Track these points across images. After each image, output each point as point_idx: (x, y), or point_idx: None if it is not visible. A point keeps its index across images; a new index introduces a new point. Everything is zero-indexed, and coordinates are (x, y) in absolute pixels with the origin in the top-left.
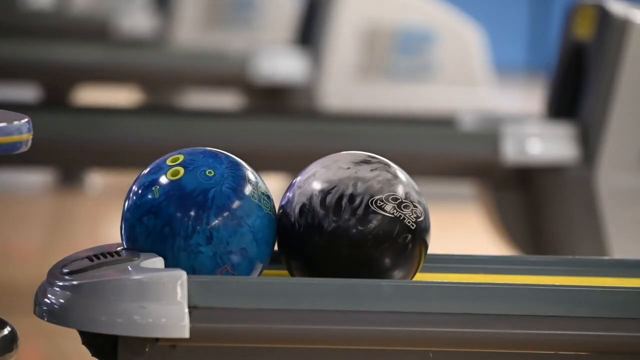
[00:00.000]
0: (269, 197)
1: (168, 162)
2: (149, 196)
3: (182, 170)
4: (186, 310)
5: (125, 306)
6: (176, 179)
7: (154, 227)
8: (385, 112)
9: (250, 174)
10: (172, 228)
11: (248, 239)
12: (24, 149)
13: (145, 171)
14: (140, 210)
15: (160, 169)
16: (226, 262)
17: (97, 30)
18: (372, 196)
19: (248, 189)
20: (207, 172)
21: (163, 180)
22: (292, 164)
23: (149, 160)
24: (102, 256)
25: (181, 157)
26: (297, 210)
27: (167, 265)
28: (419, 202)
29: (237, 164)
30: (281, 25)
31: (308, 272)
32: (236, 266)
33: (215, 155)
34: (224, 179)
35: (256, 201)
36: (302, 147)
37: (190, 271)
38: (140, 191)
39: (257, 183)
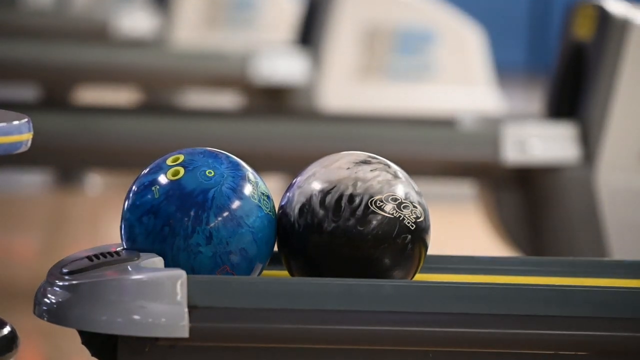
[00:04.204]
0: (268, 197)
1: (168, 162)
2: (149, 196)
3: (182, 170)
4: (186, 310)
5: (125, 306)
6: (176, 179)
7: (153, 227)
8: (385, 112)
9: (250, 174)
10: (171, 228)
11: (248, 239)
12: (24, 148)
13: (145, 171)
14: (140, 210)
15: (160, 169)
16: (226, 262)
17: (97, 30)
18: (371, 196)
19: (248, 189)
20: (207, 172)
21: (163, 180)
22: (292, 164)
23: (149, 160)
24: (102, 256)
25: (181, 157)
26: (296, 211)
27: (167, 265)
28: (419, 203)
29: (237, 164)
30: (281, 25)
31: (308, 272)
32: (236, 266)
33: (215, 155)
34: (223, 179)
35: (256, 201)
36: (302, 147)
37: (190, 271)
38: (140, 191)
39: (257, 183)
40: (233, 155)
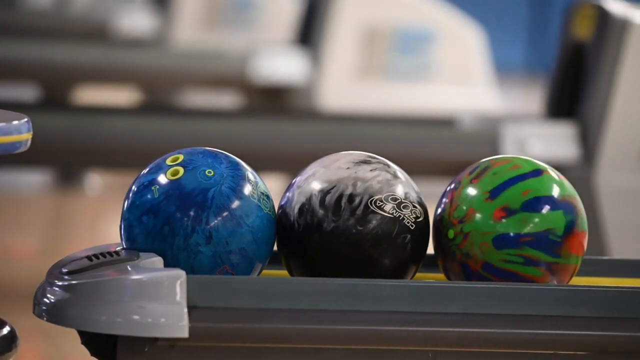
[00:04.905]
0: (268, 197)
1: (167, 162)
2: (149, 196)
3: (181, 170)
4: (185, 310)
5: (124, 306)
6: (176, 179)
7: (153, 226)
8: (385, 112)
9: (249, 173)
10: (171, 228)
11: (247, 238)
12: (24, 148)
13: (145, 171)
14: (139, 209)
15: (160, 169)
16: (225, 262)
17: (96, 30)
18: (371, 196)
19: (247, 189)
20: (206, 171)
21: (162, 179)
22: (292, 164)
23: (148, 160)
24: (102, 256)
25: (181, 157)
26: (296, 210)
27: (167, 265)
28: (419, 203)
29: (237, 164)
30: (281, 25)
31: (308, 272)
32: (235, 266)
33: (214, 155)
34: (223, 178)
35: (256, 201)
36: (302, 147)
37: (190, 271)
38: (139, 191)
39: (256, 183)
40: (232, 155)
